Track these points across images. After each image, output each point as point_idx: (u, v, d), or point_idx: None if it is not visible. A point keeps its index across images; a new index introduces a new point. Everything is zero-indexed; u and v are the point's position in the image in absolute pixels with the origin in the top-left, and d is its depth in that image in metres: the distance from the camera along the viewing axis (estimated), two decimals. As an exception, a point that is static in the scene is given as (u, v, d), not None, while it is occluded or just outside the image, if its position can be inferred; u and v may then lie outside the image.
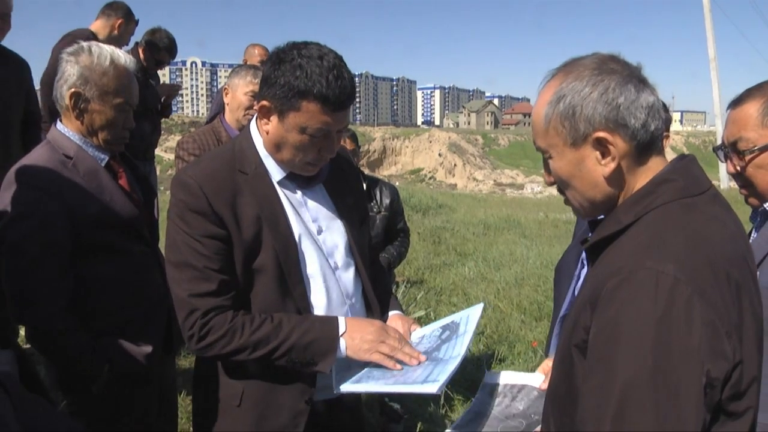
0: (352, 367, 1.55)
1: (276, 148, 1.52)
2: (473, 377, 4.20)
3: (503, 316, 5.62)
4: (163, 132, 4.80)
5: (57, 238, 1.75)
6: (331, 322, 1.52)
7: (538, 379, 1.58)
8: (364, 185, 3.40)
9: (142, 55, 4.35)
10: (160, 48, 4.39)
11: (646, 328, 0.93)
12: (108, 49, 1.90)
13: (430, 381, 1.35)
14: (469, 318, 1.62)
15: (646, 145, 1.10)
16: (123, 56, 1.92)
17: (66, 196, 1.77)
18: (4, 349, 1.37)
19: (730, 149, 1.77)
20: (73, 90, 1.84)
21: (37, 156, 1.84)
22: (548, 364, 1.60)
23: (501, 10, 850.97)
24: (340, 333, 1.50)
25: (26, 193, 1.74)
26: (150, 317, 1.95)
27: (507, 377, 1.62)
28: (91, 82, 1.84)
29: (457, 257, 8.46)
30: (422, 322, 5.03)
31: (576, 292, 2.36)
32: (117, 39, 4.01)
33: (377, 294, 1.75)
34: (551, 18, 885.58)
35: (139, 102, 2.04)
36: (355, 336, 1.50)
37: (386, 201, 3.55)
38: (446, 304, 6.01)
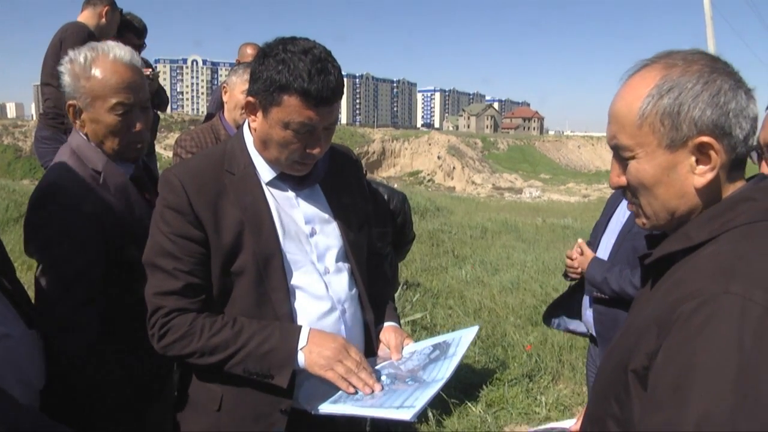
0: (328, 384, 1.47)
1: (263, 145, 1.48)
2: (468, 381, 4.21)
3: (499, 320, 5.64)
4: (163, 129, 4.60)
5: (91, 260, 1.64)
6: (292, 332, 1.45)
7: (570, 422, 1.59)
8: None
9: None
10: (133, 28, 4.21)
11: (729, 362, 0.81)
12: (99, 47, 1.71)
13: (405, 407, 1.30)
14: (461, 340, 1.56)
15: (742, 161, 1.01)
16: (114, 50, 1.71)
17: (99, 217, 1.65)
18: (31, 329, 1.36)
19: (766, 150, 1.75)
20: (68, 103, 1.72)
21: (66, 171, 1.70)
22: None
23: (502, 14, 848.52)
24: (300, 346, 1.43)
25: (59, 214, 1.61)
26: None
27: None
28: (79, 91, 1.69)
29: (454, 260, 8.48)
30: (418, 324, 5.08)
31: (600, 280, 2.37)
32: (105, 27, 3.94)
33: (375, 301, 1.70)
34: (552, 23, 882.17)
35: None
36: (314, 349, 1.43)
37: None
38: (443, 306, 6.03)
